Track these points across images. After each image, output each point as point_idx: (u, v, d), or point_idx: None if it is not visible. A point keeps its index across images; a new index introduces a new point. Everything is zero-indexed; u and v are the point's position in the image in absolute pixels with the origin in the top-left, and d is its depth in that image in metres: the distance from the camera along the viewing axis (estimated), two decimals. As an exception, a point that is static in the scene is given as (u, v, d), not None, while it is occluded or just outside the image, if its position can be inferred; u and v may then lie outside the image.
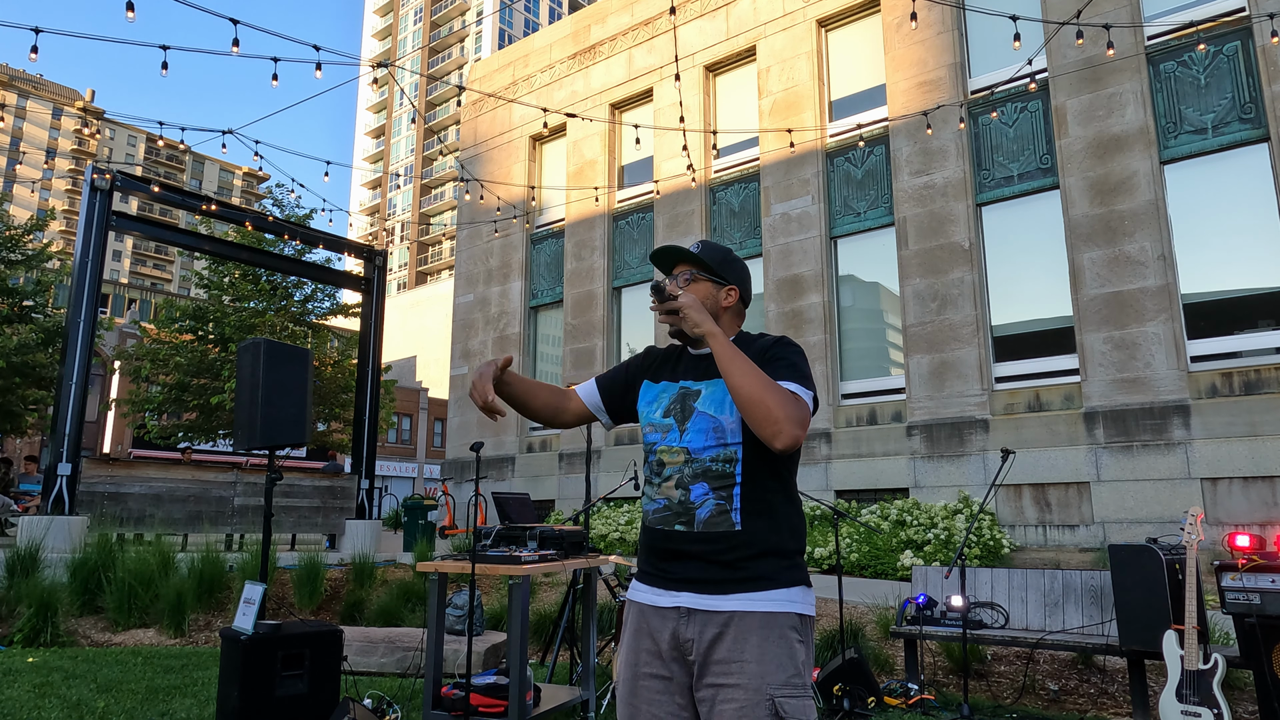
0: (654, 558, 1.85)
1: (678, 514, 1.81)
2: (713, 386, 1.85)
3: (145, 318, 40.87)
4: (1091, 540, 9.43)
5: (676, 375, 1.96)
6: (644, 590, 1.86)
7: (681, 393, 1.91)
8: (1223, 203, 9.45)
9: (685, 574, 1.78)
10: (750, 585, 1.73)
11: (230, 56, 12.29)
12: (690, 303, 1.81)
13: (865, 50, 12.61)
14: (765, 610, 1.71)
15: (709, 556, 1.76)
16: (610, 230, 15.10)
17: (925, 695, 5.01)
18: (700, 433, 1.83)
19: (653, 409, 1.94)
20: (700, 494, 1.80)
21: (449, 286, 42.09)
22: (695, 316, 1.79)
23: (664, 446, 1.87)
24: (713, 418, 1.83)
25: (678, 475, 1.83)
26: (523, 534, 4.37)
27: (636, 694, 1.79)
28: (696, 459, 1.82)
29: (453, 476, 16.68)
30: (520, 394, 2.01)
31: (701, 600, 1.75)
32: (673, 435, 1.87)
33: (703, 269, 1.96)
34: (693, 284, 1.95)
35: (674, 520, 1.81)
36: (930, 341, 10.99)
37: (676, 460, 1.85)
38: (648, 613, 1.83)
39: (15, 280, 19.41)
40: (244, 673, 3.73)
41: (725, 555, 1.75)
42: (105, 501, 9.94)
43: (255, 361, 4.28)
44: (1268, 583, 4.02)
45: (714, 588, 1.74)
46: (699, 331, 1.79)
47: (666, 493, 1.84)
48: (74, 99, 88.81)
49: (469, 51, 78.72)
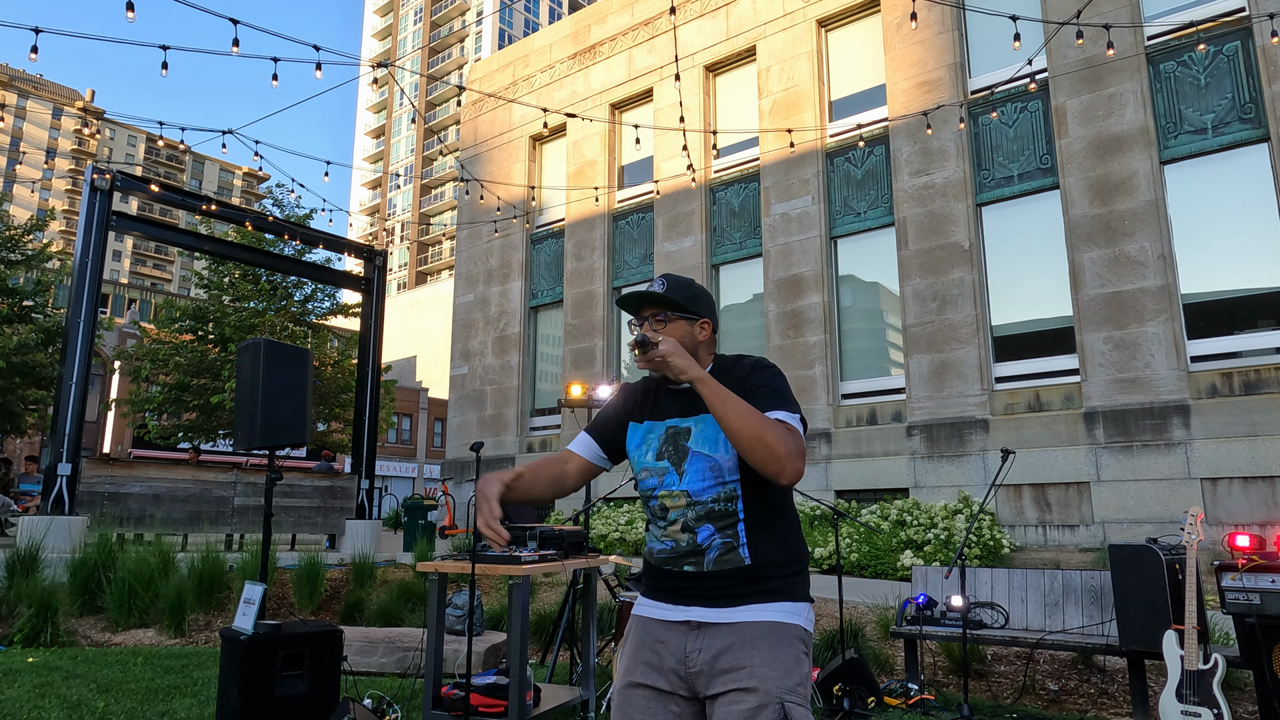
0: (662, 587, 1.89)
1: (685, 556, 1.84)
2: (701, 424, 1.86)
3: (145, 318, 40.88)
4: (1091, 540, 9.43)
5: (660, 413, 1.95)
6: (650, 605, 1.90)
7: (670, 432, 1.91)
8: (1223, 203, 9.45)
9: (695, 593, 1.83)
10: (758, 597, 1.78)
11: (230, 56, 12.29)
12: (672, 350, 1.78)
13: (865, 50, 12.61)
14: (773, 619, 1.76)
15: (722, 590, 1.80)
16: (610, 230, 15.10)
17: (925, 695, 5.01)
18: (699, 474, 1.84)
19: (643, 452, 1.94)
20: (706, 536, 1.83)
21: (449, 286, 42.09)
22: (680, 364, 1.77)
23: (664, 491, 1.88)
24: (708, 457, 1.84)
25: (682, 519, 1.85)
26: (523, 534, 4.37)
27: (629, 700, 1.82)
28: (699, 501, 1.84)
29: (453, 476, 16.68)
30: (523, 493, 1.97)
31: (711, 614, 1.79)
32: (670, 479, 1.88)
33: (674, 308, 1.95)
34: (668, 325, 1.94)
35: (683, 561, 1.84)
36: (930, 341, 10.99)
37: (679, 504, 1.86)
38: (652, 626, 1.86)
39: (15, 280, 19.41)
40: (244, 673, 3.73)
41: (737, 589, 1.80)
42: (105, 501, 9.94)
43: (255, 361, 4.28)
44: (1268, 583, 4.01)
45: (723, 602, 1.79)
46: (685, 378, 1.77)
47: (673, 536, 1.86)
48: (74, 99, 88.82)
49: (469, 51, 78.72)
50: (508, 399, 15.84)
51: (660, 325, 1.94)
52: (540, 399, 15.83)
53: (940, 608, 5.35)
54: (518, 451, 15.45)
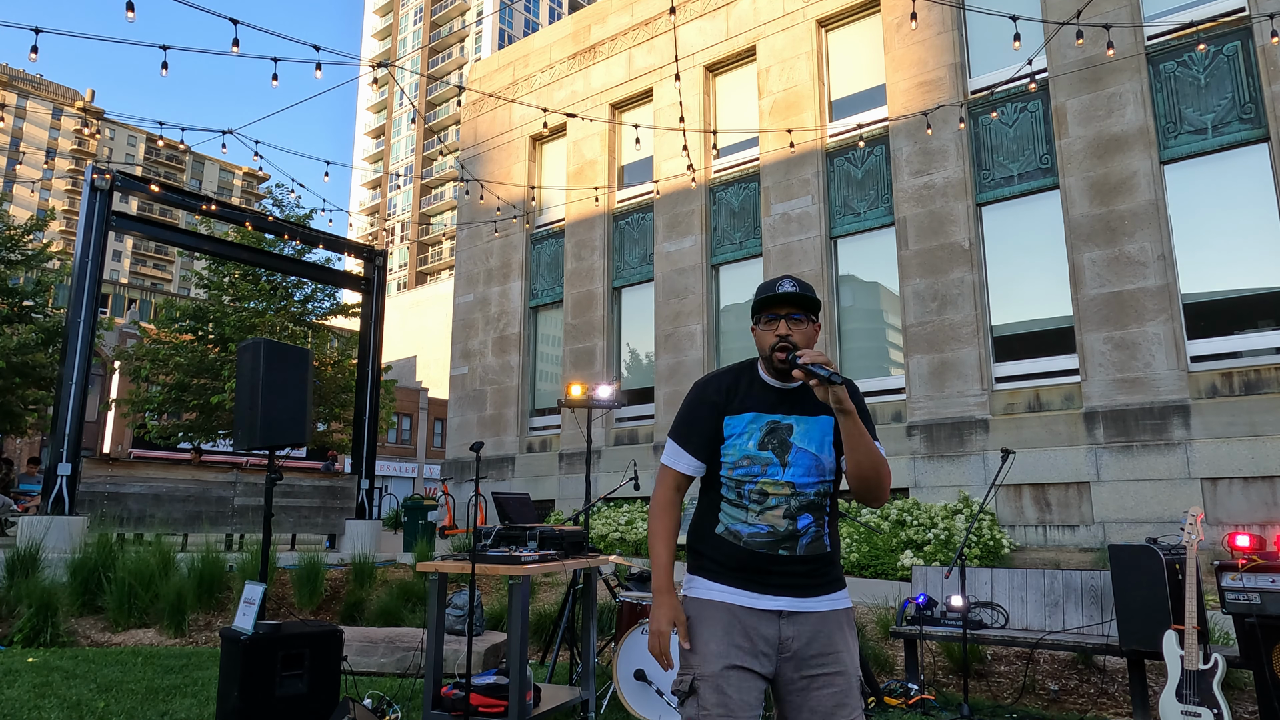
0: (748, 571, 2.05)
1: (782, 540, 2.04)
2: (804, 423, 2.08)
3: (145, 318, 40.88)
4: (1091, 540, 9.43)
5: (759, 405, 2.10)
6: (733, 592, 2.04)
7: (771, 426, 2.08)
8: (1223, 203, 9.44)
9: (783, 582, 2.03)
10: (830, 588, 2.07)
11: (230, 56, 12.28)
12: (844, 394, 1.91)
13: (865, 50, 12.61)
14: (843, 607, 2.07)
15: (807, 575, 2.05)
16: (610, 230, 15.10)
17: (925, 695, 5.01)
18: (804, 469, 2.06)
19: (745, 441, 2.08)
20: (805, 524, 2.06)
21: (449, 286, 42.09)
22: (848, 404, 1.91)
23: (766, 479, 2.06)
24: (814, 455, 2.06)
25: (784, 506, 2.05)
26: (523, 534, 4.37)
27: (728, 682, 1.95)
28: (802, 493, 2.06)
29: (453, 476, 16.68)
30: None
31: (799, 603, 2.02)
32: (774, 469, 2.05)
33: (811, 314, 2.10)
34: (803, 327, 2.08)
35: (778, 546, 2.04)
36: (930, 341, 10.99)
37: (782, 492, 2.05)
38: (740, 613, 2.01)
39: (15, 280, 19.41)
40: (244, 673, 3.73)
41: (818, 574, 2.06)
42: (105, 501, 9.94)
43: (255, 361, 4.28)
44: (1268, 583, 4.01)
45: (807, 591, 2.04)
46: (842, 409, 1.92)
47: (770, 520, 2.05)
48: (74, 99, 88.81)
49: (469, 51, 78.72)
50: (508, 399, 15.84)
51: (796, 325, 2.07)
52: (540, 399, 15.83)
53: (940, 608, 5.35)
54: (518, 451, 15.45)
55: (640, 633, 4.46)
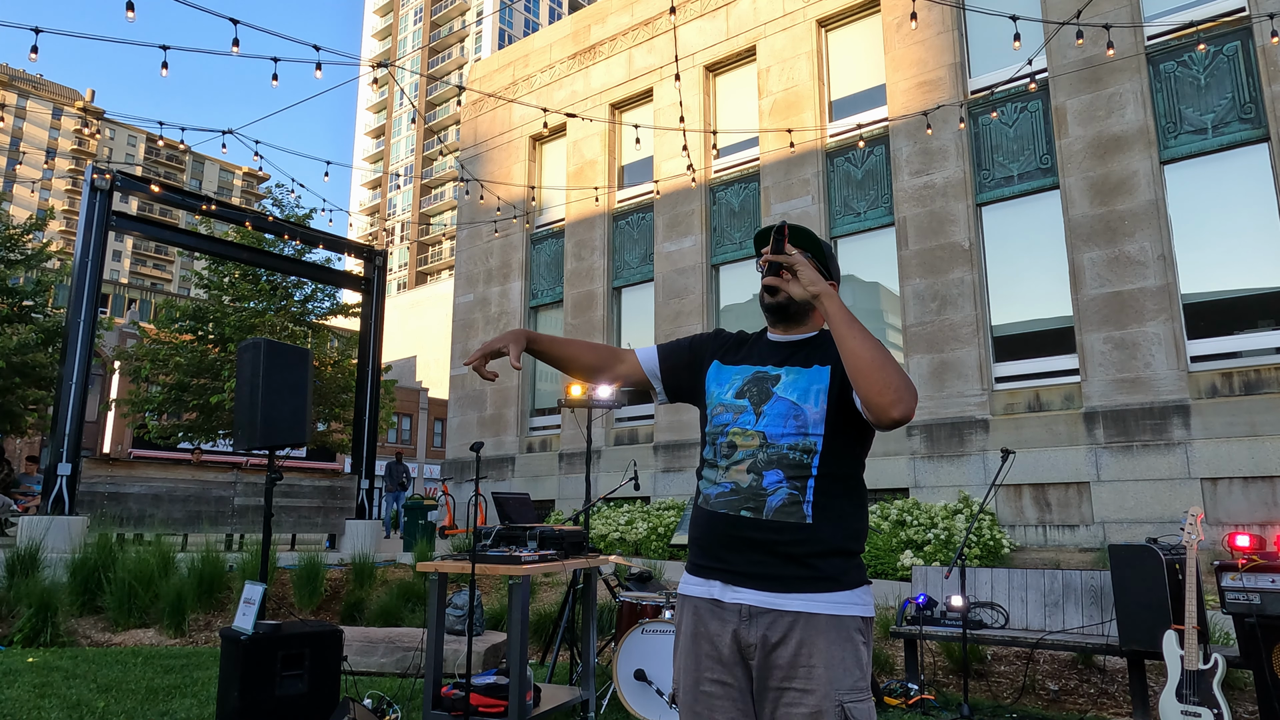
0: (714, 546, 1.76)
1: (745, 499, 1.72)
2: (794, 374, 1.78)
3: (145, 318, 40.88)
4: (1091, 540, 9.43)
5: (752, 359, 1.87)
6: (698, 584, 1.78)
7: (757, 375, 1.82)
8: (1223, 203, 9.45)
9: (749, 568, 1.70)
10: (817, 585, 1.67)
11: (230, 56, 12.28)
12: (805, 262, 1.71)
13: (865, 50, 12.61)
14: (832, 613, 1.65)
15: (775, 548, 1.68)
16: (610, 230, 15.10)
17: (925, 695, 5.01)
18: (779, 418, 1.74)
19: (724, 389, 1.84)
20: (774, 480, 1.72)
21: (449, 286, 42.07)
22: (809, 274, 1.69)
23: (737, 429, 1.78)
24: (794, 405, 1.75)
25: (750, 460, 1.74)
26: (523, 534, 4.37)
27: (699, 701, 1.72)
28: (773, 445, 1.73)
29: (453, 476, 16.68)
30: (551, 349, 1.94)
31: (766, 598, 1.67)
32: (746, 417, 1.78)
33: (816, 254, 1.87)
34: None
35: (740, 505, 1.72)
36: (930, 341, 11.00)
37: (750, 444, 1.75)
38: (704, 613, 1.75)
39: (15, 280, 19.40)
40: (244, 673, 3.73)
41: (792, 549, 1.67)
42: (105, 501, 9.94)
43: (255, 361, 4.28)
44: (1268, 583, 4.02)
45: (779, 585, 1.67)
46: (811, 290, 1.69)
47: (735, 476, 1.75)
48: (74, 99, 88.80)
49: (469, 51, 78.72)
50: (508, 399, 15.84)
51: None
52: (540, 399, 15.83)
53: (940, 608, 5.35)
54: (518, 451, 15.45)
55: (640, 633, 4.46)
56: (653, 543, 11.13)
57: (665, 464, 13.25)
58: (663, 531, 11.22)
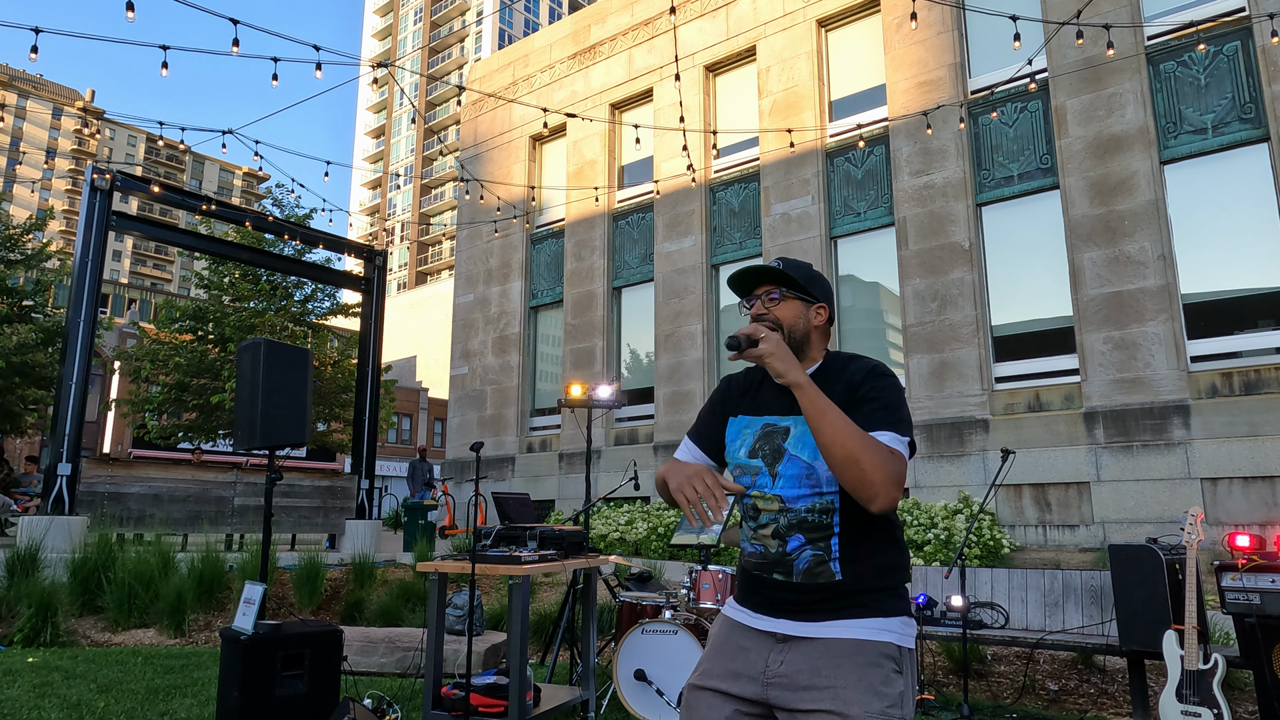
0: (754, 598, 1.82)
1: (774, 564, 1.76)
2: (801, 425, 1.74)
3: (145, 318, 40.88)
4: (1091, 540, 9.43)
5: (759, 407, 1.85)
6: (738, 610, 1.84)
7: (766, 430, 1.80)
8: (1223, 203, 9.44)
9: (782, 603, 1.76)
10: (848, 613, 1.69)
11: (230, 56, 12.28)
12: (773, 350, 1.67)
13: (865, 50, 12.61)
14: (859, 637, 1.66)
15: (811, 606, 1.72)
16: (610, 230, 15.10)
17: (925, 695, 5.01)
18: (793, 480, 1.74)
19: (738, 448, 1.84)
20: (796, 545, 1.73)
21: (449, 286, 42.07)
22: (779, 366, 1.66)
23: (757, 492, 1.79)
24: (806, 464, 1.73)
25: (773, 524, 1.76)
26: (523, 534, 4.37)
27: (698, 700, 1.77)
28: (791, 509, 1.74)
29: (453, 476, 16.67)
30: None
31: (798, 627, 1.71)
32: (763, 480, 1.78)
33: (791, 286, 1.84)
34: (781, 304, 1.83)
35: (772, 569, 1.77)
36: (930, 341, 11.00)
37: (771, 508, 1.77)
38: (738, 630, 1.80)
39: (15, 280, 19.39)
40: (244, 673, 3.73)
41: (826, 603, 1.72)
42: (105, 501, 9.94)
43: (255, 361, 4.28)
44: (1268, 583, 4.01)
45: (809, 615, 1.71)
46: (784, 381, 1.66)
47: (763, 540, 1.78)
48: (74, 99, 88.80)
49: (469, 51, 78.71)
50: (508, 399, 15.84)
51: (773, 304, 1.84)
52: (540, 399, 15.83)
53: (940, 608, 5.35)
54: (517, 451, 15.45)
55: (640, 633, 4.46)
56: (653, 543, 11.12)
57: (665, 464, 13.23)
58: (663, 531, 11.22)
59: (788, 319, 1.82)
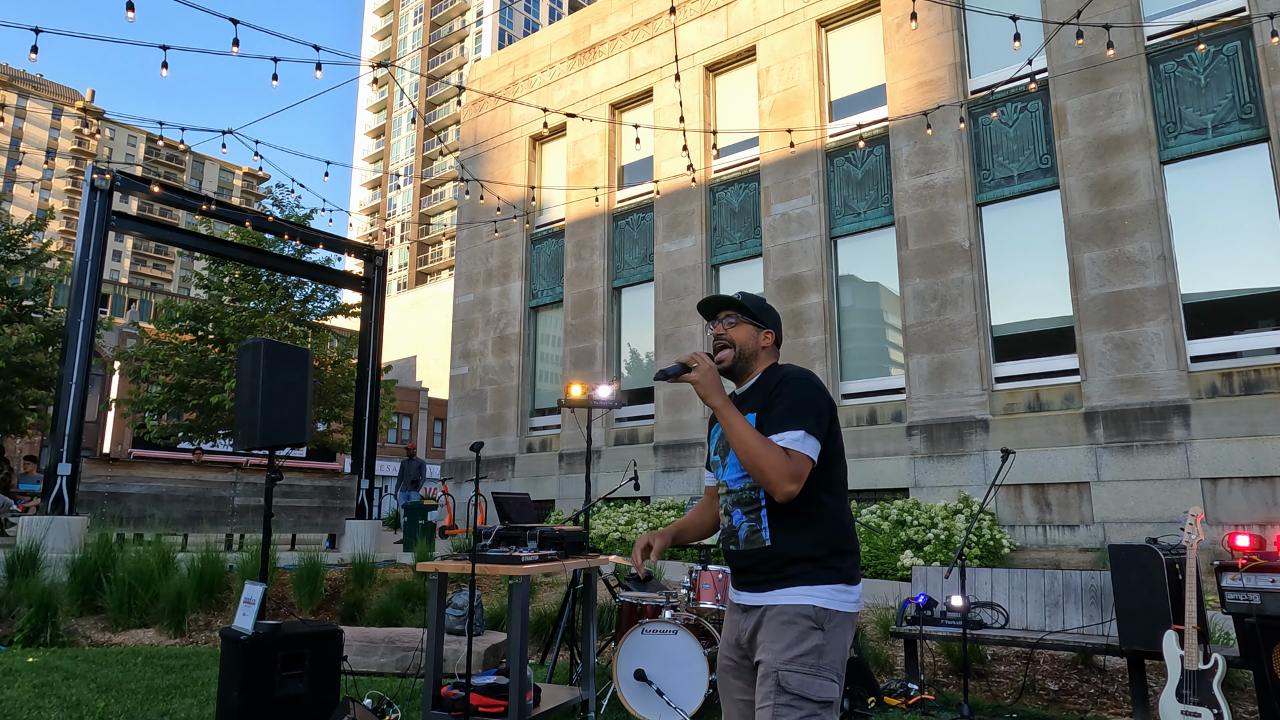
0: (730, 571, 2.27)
1: (728, 537, 2.22)
2: None
3: (145, 318, 40.88)
4: (1091, 540, 9.43)
5: None
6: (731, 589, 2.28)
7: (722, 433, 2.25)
8: (1223, 203, 9.44)
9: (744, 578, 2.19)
10: (780, 583, 2.09)
11: (230, 56, 12.29)
12: (699, 379, 2.08)
13: (865, 50, 12.61)
14: (784, 603, 2.06)
15: (755, 569, 2.14)
16: (610, 230, 15.10)
17: (925, 695, 5.01)
18: (733, 466, 2.20)
19: (711, 449, 2.35)
20: (738, 519, 2.19)
21: (449, 286, 42.06)
22: (702, 391, 2.07)
23: (718, 481, 2.29)
24: None
25: (725, 503, 2.25)
26: (523, 534, 4.37)
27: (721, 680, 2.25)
28: (733, 490, 2.21)
29: (453, 476, 16.67)
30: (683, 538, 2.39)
31: (750, 597, 2.15)
32: (718, 470, 2.28)
33: (745, 314, 2.28)
34: (738, 325, 2.27)
35: (728, 542, 2.22)
36: (930, 341, 10.99)
37: (723, 492, 2.26)
38: (732, 606, 2.25)
39: (15, 280, 19.39)
40: (244, 673, 3.73)
41: (762, 566, 2.12)
42: (105, 501, 9.94)
43: (255, 361, 4.28)
44: (1268, 583, 4.02)
45: (758, 586, 2.14)
46: (707, 404, 2.08)
47: (723, 519, 2.26)
48: (74, 99, 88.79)
49: (469, 51, 78.70)
50: (508, 399, 15.84)
51: (731, 326, 2.28)
52: (540, 399, 15.83)
53: (940, 608, 5.35)
54: (518, 451, 15.45)
55: (640, 633, 4.46)
56: (653, 543, 11.11)
57: (665, 464, 13.25)
58: (663, 531, 11.20)
59: (740, 339, 2.27)
